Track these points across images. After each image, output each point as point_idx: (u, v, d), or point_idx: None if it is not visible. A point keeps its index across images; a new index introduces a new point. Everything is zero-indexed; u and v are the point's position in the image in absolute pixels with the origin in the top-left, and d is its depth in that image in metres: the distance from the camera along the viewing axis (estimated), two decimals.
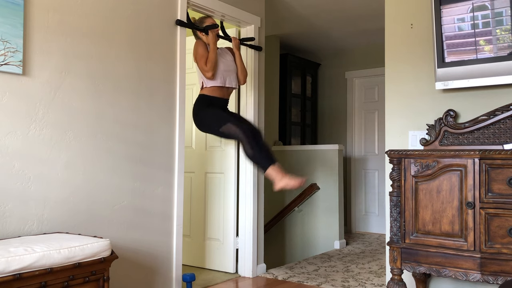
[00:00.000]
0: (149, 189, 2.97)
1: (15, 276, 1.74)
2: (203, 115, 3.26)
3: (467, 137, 2.67)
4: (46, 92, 2.43)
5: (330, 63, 6.51)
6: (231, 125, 3.13)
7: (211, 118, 3.22)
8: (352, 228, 6.18)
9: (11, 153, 2.28)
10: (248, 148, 3.08)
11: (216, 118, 3.20)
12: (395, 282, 2.47)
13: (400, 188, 2.49)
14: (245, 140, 3.09)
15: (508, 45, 2.49)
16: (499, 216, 2.22)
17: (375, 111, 6.15)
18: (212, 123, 3.21)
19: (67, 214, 2.50)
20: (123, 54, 2.83)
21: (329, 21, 5.06)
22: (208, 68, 3.23)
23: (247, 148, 3.09)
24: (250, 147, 3.07)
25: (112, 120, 2.75)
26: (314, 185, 5.20)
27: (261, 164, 3.08)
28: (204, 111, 3.26)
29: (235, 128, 3.12)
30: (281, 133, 5.91)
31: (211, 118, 3.22)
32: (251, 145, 3.07)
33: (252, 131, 3.15)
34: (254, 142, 3.08)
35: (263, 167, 3.07)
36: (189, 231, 4.15)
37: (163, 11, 3.10)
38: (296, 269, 4.04)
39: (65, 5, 2.53)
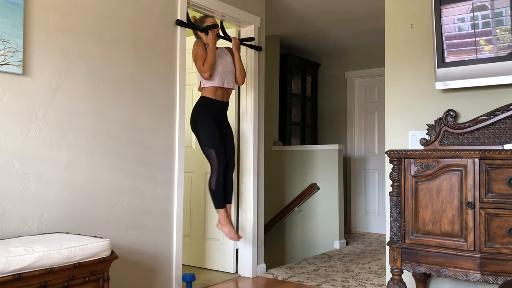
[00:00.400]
0: (149, 189, 2.97)
1: (15, 276, 1.74)
2: (199, 126, 3.35)
3: (467, 137, 2.67)
4: (46, 92, 2.43)
5: (330, 63, 6.51)
6: (213, 153, 3.33)
7: (204, 133, 3.34)
8: (352, 228, 6.18)
9: (11, 153, 2.28)
10: (213, 183, 3.37)
11: (208, 137, 3.32)
12: (395, 282, 2.47)
13: (400, 188, 2.49)
14: (215, 174, 3.36)
15: (508, 45, 2.49)
16: (499, 216, 2.22)
17: (375, 111, 6.15)
18: (203, 138, 3.35)
19: (67, 214, 2.50)
20: (123, 54, 2.83)
21: (329, 21, 5.06)
22: (205, 68, 3.23)
23: (212, 182, 3.37)
24: (215, 182, 3.35)
25: (112, 120, 2.75)
26: (314, 185, 5.20)
27: (217, 201, 3.39)
28: (203, 122, 3.32)
29: (214, 158, 3.33)
30: (281, 133, 5.91)
31: (204, 133, 3.33)
32: (216, 182, 3.35)
33: (226, 168, 3.41)
34: (221, 180, 3.37)
35: (217, 204, 3.39)
36: (189, 231, 4.15)
37: (163, 11, 3.10)
38: (296, 269, 4.04)
39: (65, 5, 2.53)
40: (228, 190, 3.47)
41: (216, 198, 3.38)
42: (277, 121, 5.75)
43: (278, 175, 5.51)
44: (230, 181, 3.51)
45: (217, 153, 3.32)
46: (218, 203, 3.38)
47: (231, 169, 3.50)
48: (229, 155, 3.48)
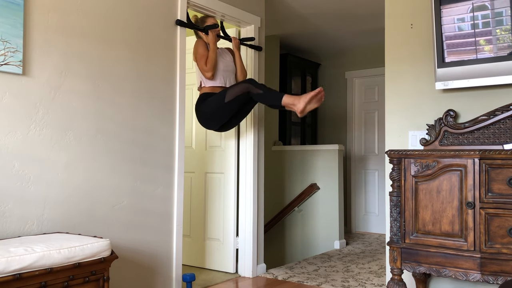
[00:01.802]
0: (149, 189, 2.97)
1: (15, 276, 1.74)
2: (205, 106, 3.25)
3: (467, 137, 2.67)
4: (46, 92, 2.43)
5: (330, 63, 6.51)
6: (231, 88, 3.13)
7: (212, 102, 3.20)
8: (352, 228, 6.18)
9: (11, 153, 2.28)
10: (257, 91, 3.07)
11: (215, 98, 3.18)
12: (395, 282, 2.47)
13: (400, 188, 2.49)
14: (251, 86, 3.08)
15: (508, 45, 2.49)
16: (499, 216, 2.22)
17: (375, 111, 6.14)
18: (215, 104, 3.18)
19: (67, 214, 2.50)
20: (123, 54, 2.83)
21: (329, 21, 5.06)
22: (208, 68, 3.23)
23: (256, 91, 3.08)
24: (259, 88, 3.07)
25: (112, 120, 2.75)
26: (314, 185, 5.20)
27: (275, 98, 3.05)
28: (204, 104, 3.26)
29: (237, 87, 3.10)
30: (281, 133, 5.91)
31: (212, 102, 3.19)
32: (259, 87, 3.07)
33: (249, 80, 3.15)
34: (258, 85, 3.10)
35: (278, 99, 3.04)
36: (189, 231, 4.15)
37: (163, 11, 3.10)
38: (296, 269, 4.04)
39: (65, 5, 2.53)
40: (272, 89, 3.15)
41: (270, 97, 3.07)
42: (277, 121, 5.75)
43: (278, 175, 5.51)
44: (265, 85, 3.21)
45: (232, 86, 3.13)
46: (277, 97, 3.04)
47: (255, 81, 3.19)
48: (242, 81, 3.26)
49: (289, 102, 3.00)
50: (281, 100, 3.01)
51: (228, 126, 3.36)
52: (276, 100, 3.05)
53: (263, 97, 3.09)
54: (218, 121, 3.25)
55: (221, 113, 3.20)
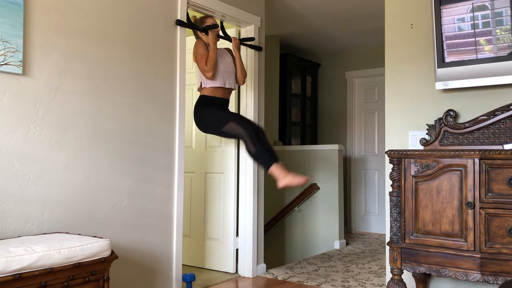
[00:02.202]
0: (149, 189, 2.97)
1: (15, 276, 1.74)
2: (205, 115, 3.26)
3: (467, 137, 2.67)
4: (46, 92, 2.43)
5: (330, 63, 6.51)
6: (234, 124, 3.13)
7: (212, 118, 3.23)
8: (352, 228, 6.18)
9: (11, 153, 2.28)
10: (251, 147, 3.09)
11: (217, 117, 3.21)
12: (395, 282, 2.47)
13: (400, 188, 2.49)
14: (248, 138, 3.09)
15: (508, 45, 2.49)
16: (499, 216, 2.22)
17: (375, 111, 6.15)
18: (214, 123, 3.21)
19: (67, 214, 2.50)
20: (123, 54, 2.83)
21: (329, 21, 5.06)
22: (208, 68, 3.23)
23: (249, 147, 3.09)
24: (253, 145, 3.08)
25: (112, 120, 2.75)
26: (314, 185, 5.20)
27: (264, 162, 3.09)
28: (205, 111, 3.27)
29: (238, 127, 3.12)
30: (281, 133, 5.91)
31: (213, 118, 3.22)
32: (253, 144, 3.08)
33: (254, 129, 3.14)
34: (257, 140, 3.09)
35: (266, 165, 3.08)
36: (189, 231, 4.15)
37: (163, 11, 3.10)
38: (296, 269, 4.04)
39: (65, 5, 2.53)
40: (270, 149, 3.14)
41: (261, 159, 3.09)
42: (277, 121, 5.75)
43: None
44: (267, 141, 3.19)
45: (236, 122, 3.12)
46: (267, 162, 3.06)
47: (261, 132, 3.20)
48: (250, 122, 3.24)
49: (275, 174, 3.05)
50: (269, 168, 3.06)
51: None
52: (264, 165, 3.10)
53: (253, 156, 3.12)
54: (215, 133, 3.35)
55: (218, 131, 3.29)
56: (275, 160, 3.09)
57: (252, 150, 3.08)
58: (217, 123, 3.19)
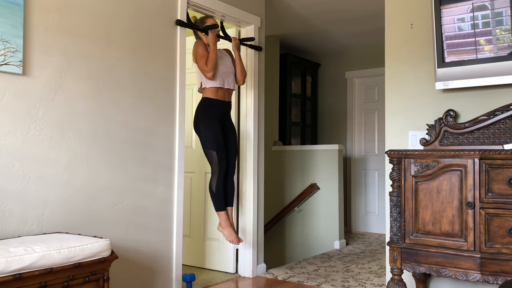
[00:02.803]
0: (149, 189, 2.97)
1: (15, 276, 1.74)
2: (201, 126, 3.34)
3: (467, 137, 2.67)
4: (46, 92, 2.43)
5: (330, 63, 6.51)
6: (215, 155, 3.32)
7: (207, 134, 3.32)
8: (352, 228, 6.18)
9: (11, 153, 2.28)
10: (214, 185, 3.35)
11: (210, 139, 3.32)
12: (395, 282, 2.47)
13: (400, 188, 2.49)
14: (216, 176, 3.35)
15: (508, 45, 2.49)
16: (499, 216, 2.22)
17: (375, 111, 6.14)
18: (205, 139, 3.34)
19: (67, 214, 2.50)
20: (123, 54, 2.83)
21: (329, 21, 5.06)
22: (208, 68, 3.23)
23: (213, 183, 3.36)
24: (216, 184, 3.34)
25: (112, 120, 2.75)
26: (314, 185, 5.20)
27: (217, 203, 3.37)
28: (205, 124, 3.32)
29: (216, 161, 3.32)
30: (281, 133, 5.91)
31: (207, 134, 3.32)
32: (217, 184, 3.34)
33: (227, 171, 3.40)
34: (222, 182, 3.35)
35: (218, 207, 3.38)
36: (189, 231, 4.15)
37: (163, 11, 3.10)
38: (296, 269, 4.04)
39: (65, 5, 2.53)
40: (229, 193, 3.45)
41: (216, 200, 3.36)
42: (277, 121, 5.75)
43: (278, 175, 5.51)
44: (231, 183, 3.48)
45: (218, 155, 3.30)
46: (219, 205, 3.36)
47: (231, 172, 3.48)
48: (231, 157, 3.46)
49: (220, 219, 3.39)
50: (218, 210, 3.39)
51: None
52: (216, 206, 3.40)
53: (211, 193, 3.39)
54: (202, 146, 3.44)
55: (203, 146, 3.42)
56: (227, 205, 3.42)
57: (213, 188, 3.36)
58: (207, 141, 3.33)
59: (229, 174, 3.45)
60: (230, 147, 3.46)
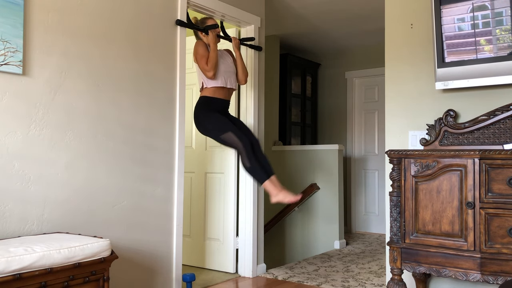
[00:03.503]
0: (149, 189, 2.97)
1: (15, 276, 1.74)
2: (205, 119, 3.26)
3: (467, 137, 2.67)
4: (46, 92, 2.43)
5: (330, 63, 6.51)
6: (232, 135, 3.16)
7: (212, 123, 3.23)
8: (352, 228, 6.18)
9: (11, 153, 2.28)
10: (246, 161, 3.14)
11: (217, 124, 3.21)
12: (395, 282, 2.47)
13: (400, 188, 2.49)
14: (243, 152, 3.14)
15: (508, 45, 2.49)
16: (499, 216, 2.22)
17: (375, 111, 6.14)
18: (213, 129, 3.23)
19: (67, 214, 2.50)
20: (123, 54, 2.83)
21: (329, 21, 5.06)
22: (209, 67, 3.23)
23: (245, 160, 3.15)
24: (248, 159, 3.14)
25: (112, 120, 2.75)
26: (314, 185, 5.20)
27: (258, 177, 3.16)
28: (205, 115, 3.27)
29: (236, 139, 3.15)
30: (281, 133, 5.91)
31: (213, 123, 3.23)
32: (249, 158, 3.14)
33: (251, 143, 3.19)
34: (252, 155, 3.15)
35: (260, 180, 3.15)
36: (189, 231, 4.15)
37: (163, 11, 3.10)
38: (296, 269, 4.04)
39: (65, 5, 2.53)
40: (264, 163, 3.21)
41: (255, 174, 3.14)
42: (277, 121, 5.75)
43: (278, 175, 5.47)
44: (262, 155, 3.26)
45: (235, 133, 3.15)
46: (261, 177, 3.12)
47: (256, 144, 3.26)
48: (248, 133, 3.30)
49: (269, 189, 3.13)
50: (263, 183, 3.14)
51: None
52: (258, 180, 3.16)
53: (248, 170, 3.17)
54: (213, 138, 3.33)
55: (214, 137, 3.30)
56: (269, 175, 3.15)
57: (247, 164, 3.14)
58: (216, 130, 3.21)
59: (256, 148, 3.23)
60: (241, 126, 3.33)
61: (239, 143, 3.15)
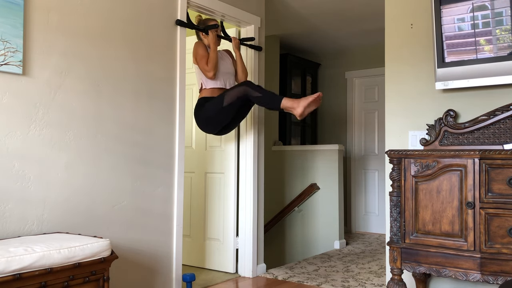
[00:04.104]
0: (149, 189, 2.97)
1: (15, 276, 1.74)
2: (203, 112, 3.24)
3: (467, 137, 2.67)
4: (46, 92, 2.43)
5: (330, 63, 6.51)
6: (229, 91, 3.10)
7: (210, 107, 3.18)
8: (352, 228, 6.18)
9: (11, 153, 2.28)
10: (255, 93, 3.05)
11: (214, 103, 3.16)
12: (395, 282, 2.47)
13: (400, 188, 2.49)
14: (249, 89, 3.06)
15: (508, 45, 2.49)
16: (499, 216, 2.22)
17: (375, 111, 6.14)
18: (214, 108, 3.16)
19: (67, 214, 2.50)
20: (123, 54, 2.83)
21: (329, 21, 5.06)
22: (209, 68, 3.23)
23: (255, 94, 3.06)
24: (257, 91, 3.05)
25: (112, 120, 2.75)
26: (314, 185, 5.20)
27: (274, 100, 3.05)
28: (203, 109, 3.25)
29: (235, 90, 3.09)
30: (281, 133, 5.91)
31: (210, 107, 3.18)
32: (257, 90, 3.06)
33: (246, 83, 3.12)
34: (256, 87, 3.08)
35: (277, 102, 3.03)
36: (189, 231, 4.15)
37: (163, 11, 3.10)
38: (296, 269, 4.04)
39: (65, 5, 2.53)
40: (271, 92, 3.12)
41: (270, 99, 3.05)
42: (277, 121, 5.75)
43: (278, 175, 5.51)
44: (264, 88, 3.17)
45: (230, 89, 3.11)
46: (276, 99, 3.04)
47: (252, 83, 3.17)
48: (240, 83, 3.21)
49: (288, 106, 3.01)
50: (280, 103, 3.02)
51: (226, 130, 3.36)
52: (275, 103, 3.05)
53: (262, 100, 3.08)
54: (218, 125, 3.25)
55: (220, 117, 3.19)
56: (281, 96, 3.07)
57: (258, 95, 3.05)
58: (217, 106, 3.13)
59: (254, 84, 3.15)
60: None
61: (239, 88, 3.09)
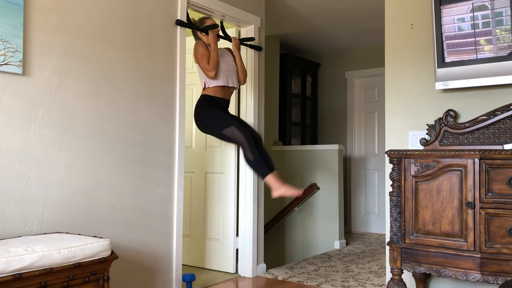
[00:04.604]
0: (149, 189, 2.97)
1: (15, 276, 1.74)
2: (206, 117, 3.25)
3: (467, 137, 2.67)
4: (46, 92, 2.43)
5: (330, 63, 6.51)
6: (235, 129, 3.15)
7: (214, 120, 3.22)
8: (352, 228, 6.18)
9: (11, 153, 2.28)
10: (249, 154, 3.12)
11: (219, 120, 3.20)
12: (395, 282, 2.47)
13: (400, 188, 2.49)
14: (246, 146, 3.12)
15: (508, 45, 2.49)
16: (499, 216, 2.22)
17: (375, 111, 6.14)
18: (215, 125, 3.21)
19: (67, 214, 2.50)
20: (123, 54, 2.83)
21: (329, 21, 5.06)
22: (210, 67, 3.23)
23: (247, 154, 3.13)
24: (251, 153, 3.11)
25: (112, 120, 2.75)
26: (314, 185, 5.20)
27: (260, 171, 3.13)
28: (206, 112, 3.26)
29: (238, 133, 3.14)
30: (281, 133, 5.91)
31: (214, 120, 3.22)
32: (252, 152, 3.11)
33: (254, 137, 3.17)
34: (255, 149, 3.12)
35: (262, 174, 3.12)
36: (189, 231, 4.15)
37: (163, 11, 3.10)
38: (296, 269, 4.04)
39: (65, 5, 2.53)
40: (267, 158, 3.17)
41: (258, 167, 3.12)
42: (277, 121, 5.75)
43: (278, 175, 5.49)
44: (264, 150, 3.22)
45: (237, 127, 3.14)
46: (262, 171, 3.10)
47: (258, 139, 3.22)
48: (249, 128, 3.26)
49: (270, 184, 3.09)
50: (265, 176, 3.10)
51: None
52: (261, 173, 3.12)
53: (251, 164, 3.15)
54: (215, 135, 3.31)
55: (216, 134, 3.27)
56: (271, 169, 3.12)
57: (250, 157, 3.12)
58: (217, 125, 3.20)
59: (258, 143, 3.20)
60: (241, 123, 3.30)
61: (241, 137, 3.13)
